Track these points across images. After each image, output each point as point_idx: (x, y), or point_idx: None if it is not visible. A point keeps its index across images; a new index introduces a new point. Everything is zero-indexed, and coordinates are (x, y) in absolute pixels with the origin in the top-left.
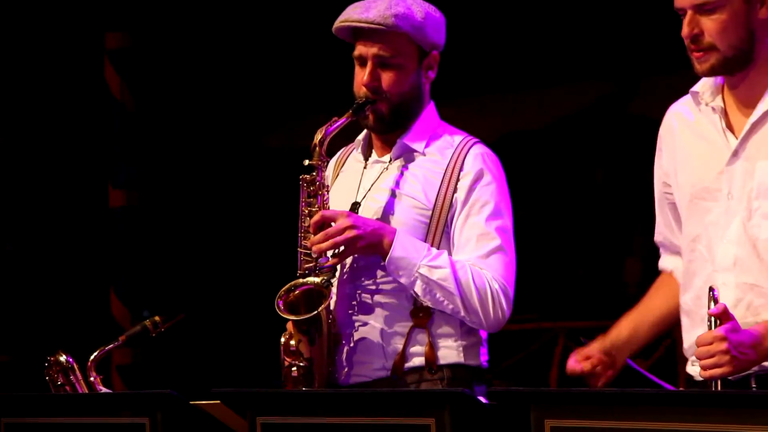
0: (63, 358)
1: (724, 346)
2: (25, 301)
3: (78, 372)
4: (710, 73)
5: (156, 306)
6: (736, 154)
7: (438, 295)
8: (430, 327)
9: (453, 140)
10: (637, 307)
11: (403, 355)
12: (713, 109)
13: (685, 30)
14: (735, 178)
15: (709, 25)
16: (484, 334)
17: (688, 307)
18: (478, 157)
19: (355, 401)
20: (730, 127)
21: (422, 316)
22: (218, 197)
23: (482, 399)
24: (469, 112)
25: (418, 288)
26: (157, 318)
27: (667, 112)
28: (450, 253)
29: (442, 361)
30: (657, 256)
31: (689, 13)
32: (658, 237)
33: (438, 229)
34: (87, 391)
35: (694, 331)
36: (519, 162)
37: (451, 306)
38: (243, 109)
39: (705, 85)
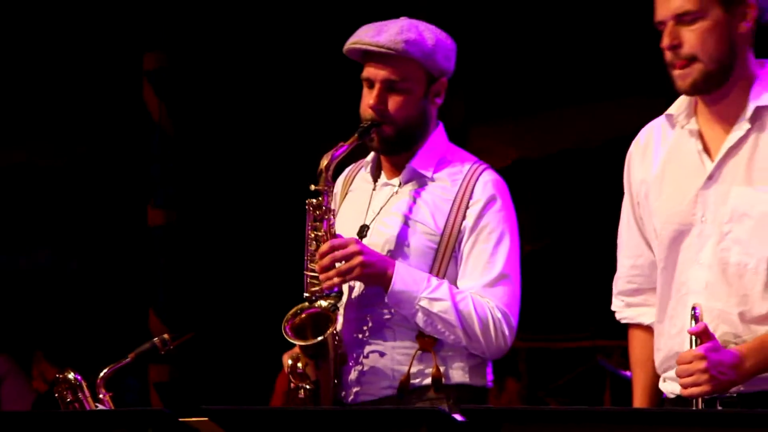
0: (71, 375)
1: (702, 365)
2: (66, 319)
3: (86, 389)
4: (692, 89)
5: (193, 324)
6: (711, 177)
7: (439, 327)
8: (437, 350)
9: (463, 167)
10: (638, 389)
11: (409, 375)
12: (690, 132)
13: (666, 41)
14: (709, 201)
15: (690, 35)
16: None
17: (661, 327)
18: (488, 185)
19: (335, 419)
20: (706, 149)
21: (428, 339)
22: (256, 217)
23: (458, 417)
24: (524, 128)
25: (420, 320)
26: (166, 336)
27: (639, 134)
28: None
29: (448, 381)
30: None
31: (669, 24)
32: (628, 275)
33: (446, 256)
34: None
35: (665, 349)
36: (571, 179)
37: (452, 337)
38: (280, 128)
39: (680, 107)
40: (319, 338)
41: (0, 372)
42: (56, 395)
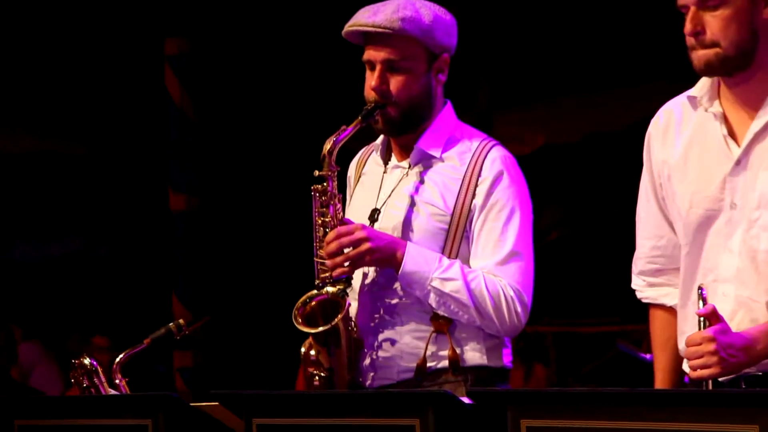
0: (87, 361)
1: (712, 347)
2: (92, 303)
3: (102, 375)
4: (708, 70)
5: (216, 308)
6: (739, 163)
7: (452, 307)
8: (451, 331)
9: (471, 144)
10: (659, 371)
11: (425, 358)
12: (714, 115)
13: (688, 27)
14: (738, 187)
15: (712, 21)
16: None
17: (685, 311)
18: (496, 161)
19: (344, 403)
20: (732, 134)
21: (442, 321)
22: (278, 201)
23: (465, 400)
24: (550, 114)
25: (432, 300)
26: (181, 321)
27: (657, 114)
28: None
29: (465, 363)
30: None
31: (692, 9)
32: (649, 256)
33: (457, 236)
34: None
35: (687, 332)
36: (599, 163)
37: (466, 316)
38: (302, 113)
39: (703, 89)
40: (328, 325)
41: (30, 358)
42: (72, 380)
